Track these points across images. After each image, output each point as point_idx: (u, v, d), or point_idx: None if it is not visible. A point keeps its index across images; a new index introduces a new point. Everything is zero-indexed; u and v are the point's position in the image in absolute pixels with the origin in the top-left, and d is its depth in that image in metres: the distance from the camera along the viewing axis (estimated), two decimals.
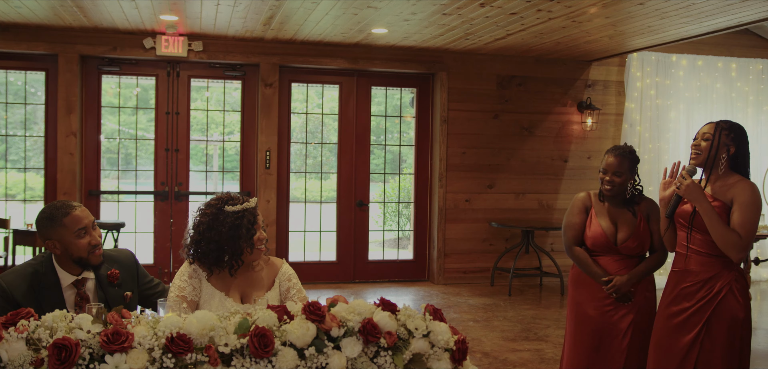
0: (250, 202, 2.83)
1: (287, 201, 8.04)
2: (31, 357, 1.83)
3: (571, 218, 3.70)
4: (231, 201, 2.81)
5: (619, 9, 5.69)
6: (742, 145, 3.23)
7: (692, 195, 3.17)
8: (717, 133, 3.20)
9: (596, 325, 3.60)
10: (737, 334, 3.13)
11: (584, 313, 3.65)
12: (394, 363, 2.06)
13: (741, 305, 3.13)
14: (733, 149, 3.20)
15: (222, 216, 2.77)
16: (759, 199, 3.14)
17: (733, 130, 3.22)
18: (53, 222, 2.75)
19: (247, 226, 2.78)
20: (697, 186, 3.18)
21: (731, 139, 3.20)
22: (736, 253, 3.08)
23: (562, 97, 8.46)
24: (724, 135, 3.20)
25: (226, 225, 2.75)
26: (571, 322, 3.74)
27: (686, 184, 3.19)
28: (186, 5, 6.10)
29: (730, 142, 3.20)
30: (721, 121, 3.26)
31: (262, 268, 2.93)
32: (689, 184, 3.18)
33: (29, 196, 8.03)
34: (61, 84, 7.21)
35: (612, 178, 3.58)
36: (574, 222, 3.69)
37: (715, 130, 3.22)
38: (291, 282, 2.93)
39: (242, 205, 2.80)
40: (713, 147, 3.19)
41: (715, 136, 3.20)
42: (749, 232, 3.08)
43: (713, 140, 3.20)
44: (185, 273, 2.82)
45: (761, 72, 8.80)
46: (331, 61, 7.79)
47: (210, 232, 2.76)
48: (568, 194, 8.52)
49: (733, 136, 3.21)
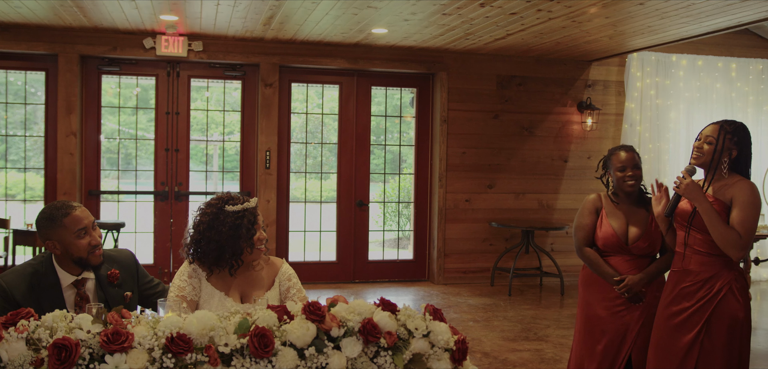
0: (251, 202, 2.83)
1: (287, 201, 8.04)
2: (31, 357, 1.83)
3: (582, 220, 3.69)
4: (231, 201, 2.81)
5: (619, 9, 5.69)
6: (745, 148, 3.22)
7: (691, 194, 3.17)
8: (721, 136, 3.19)
9: (606, 326, 3.60)
10: (737, 334, 3.13)
11: (594, 313, 3.65)
12: (394, 363, 2.06)
13: (741, 305, 3.13)
14: (736, 153, 3.20)
15: (222, 216, 2.77)
16: (758, 199, 3.15)
17: (736, 133, 3.20)
18: (53, 222, 2.75)
19: (248, 226, 2.78)
20: (697, 185, 3.18)
21: (734, 143, 3.19)
22: (736, 252, 3.09)
23: (562, 97, 8.46)
24: (727, 139, 3.19)
25: (226, 225, 2.75)
26: (581, 321, 3.74)
27: (686, 183, 3.19)
28: (186, 5, 6.10)
29: (732, 146, 3.19)
30: (724, 123, 3.23)
31: (262, 268, 2.93)
32: (688, 184, 3.18)
33: (29, 196, 8.03)
34: (61, 84, 7.21)
35: (634, 173, 3.56)
36: (585, 223, 3.68)
37: (718, 133, 3.20)
38: (291, 282, 2.93)
39: (242, 205, 2.80)
40: (717, 151, 3.19)
41: (718, 140, 3.19)
42: (749, 231, 3.09)
43: (716, 144, 3.19)
44: (185, 273, 2.83)
45: (761, 72, 8.80)
46: (331, 61, 7.79)
47: (210, 232, 2.76)
48: (568, 194, 8.53)
49: (737, 140, 3.20)
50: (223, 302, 2.78)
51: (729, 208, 3.14)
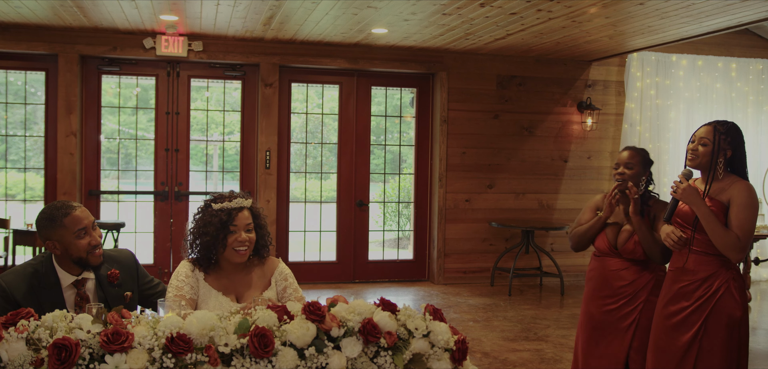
0: (233, 203, 2.83)
1: (287, 201, 8.04)
2: (31, 357, 1.83)
3: (581, 215, 3.82)
4: (218, 199, 2.85)
5: (619, 9, 5.69)
6: (739, 147, 3.24)
7: (689, 198, 3.19)
8: (715, 137, 3.21)
9: (597, 323, 3.64)
10: (735, 333, 3.14)
11: (593, 312, 3.70)
12: (394, 363, 2.06)
13: (738, 304, 3.14)
14: (730, 153, 3.21)
15: (207, 214, 2.82)
16: (756, 200, 3.15)
17: (729, 133, 3.22)
18: (53, 222, 2.75)
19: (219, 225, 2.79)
20: (694, 189, 3.19)
21: (728, 143, 3.21)
22: (736, 255, 3.10)
23: (562, 97, 8.46)
24: (722, 140, 3.20)
25: (212, 224, 2.80)
26: (581, 319, 3.80)
27: (683, 187, 3.21)
28: (186, 5, 6.10)
29: (727, 147, 3.21)
30: (717, 123, 3.25)
31: (257, 268, 2.94)
32: (686, 188, 3.20)
33: (29, 196, 8.03)
34: (61, 84, 7.21)
35: (623, 170, 3.59)
36: (582, 218, 3.80)
37: (713, 134, 3.22)
38: (287, 281, 2.95)
39: (223, 203, 2.82)
40: (714, 153, 3.20)
41: (713, 141, 3.21)
42: (747, 233, 3.10)
43: (713, 145, 3.20)
44: (182, 273, 2.83)
45: (761, 72, 8.79)
46: (331, 61, 7.79)
47: (201, 230, 2.82)
48: (568, 194, 8.53)
49: (730, 140, 3.22)
50: (218, 301, 2.79)
51: (727, 208, 3.15)
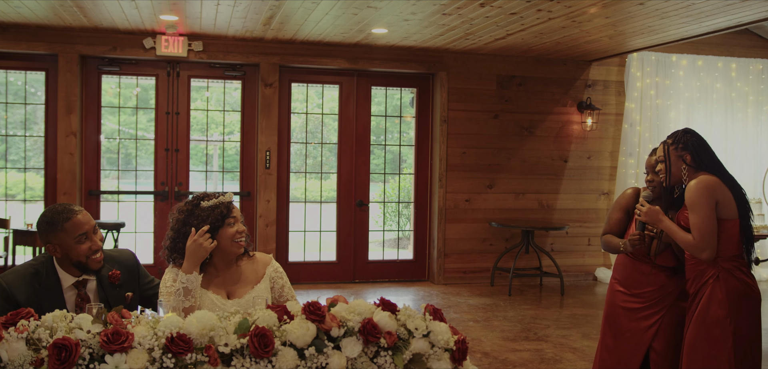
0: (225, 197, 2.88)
1: (287, 201, 8.04)
2: (31, 357, 1.83)
3: (612, 213, 3.71)
4: (206, 197, 2.88)
5: (619, 9, 5.69)
6: (696, 147, 3.27)
7: (653, 219, 3.32)
8: (665, 152, 3.32)
9: (624, 327, 3.58)
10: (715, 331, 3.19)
11: (614, 313, 3.64)
12: (394, 363, 2.06)
13: (721, 301, 3.18)
14: (689, 156, 3.27)
15: (197, 212, 2.84)
16: (704, 194, 3.16)
17: (678, 140, 3.30)
18: (54, 226, 2.74)
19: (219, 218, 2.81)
20: (656, 209, 3.31)
21: (682, 149, 3.28)
22: (699, 254, 3.18)
23: (562, 97, 8.46)
24: (671, 150, 3.29)
25: (202, 220, 2.81)
26: (603, 318, 3.75)
27: (645, 210, 3.34)
28: (186, 5, 6.10)
29: (683, 152, 3.28)
30: (666, 139, 3.37)
31: (246, 263, 2.94)
32: (647, 211, 3.33)
33: (29, 196, 8.03)
34: (61, 84, 7.21)
35: (651, 176, 3.49)
36: (612, 218, 3.69)
37: (663, 150, 3.33)
38: (283, 279, 2.98)
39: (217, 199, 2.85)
40: (668, 168, 3.30)
41: (666, 156, 3.31)
42: (702, 231, 3.13)
43: (666, 160, 3.31)
44: (169, 279, 2.82)
45: (761, 72, 8.79)
46: (331, 61, 7.79)
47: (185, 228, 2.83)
48: (568, 194, 8.53)
49: (682, 145, 3.28)
50: (210, 298, 2.78)
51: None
